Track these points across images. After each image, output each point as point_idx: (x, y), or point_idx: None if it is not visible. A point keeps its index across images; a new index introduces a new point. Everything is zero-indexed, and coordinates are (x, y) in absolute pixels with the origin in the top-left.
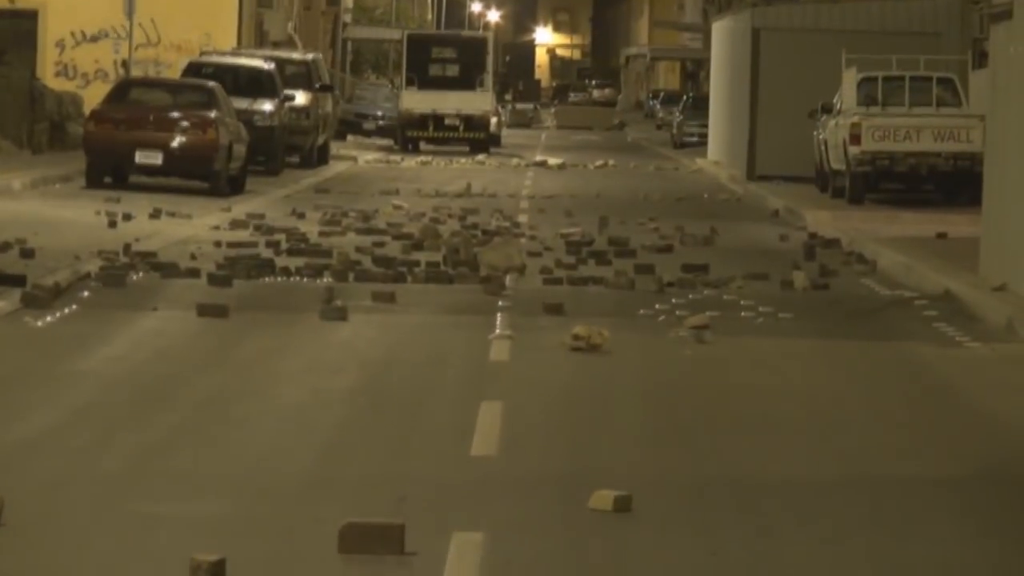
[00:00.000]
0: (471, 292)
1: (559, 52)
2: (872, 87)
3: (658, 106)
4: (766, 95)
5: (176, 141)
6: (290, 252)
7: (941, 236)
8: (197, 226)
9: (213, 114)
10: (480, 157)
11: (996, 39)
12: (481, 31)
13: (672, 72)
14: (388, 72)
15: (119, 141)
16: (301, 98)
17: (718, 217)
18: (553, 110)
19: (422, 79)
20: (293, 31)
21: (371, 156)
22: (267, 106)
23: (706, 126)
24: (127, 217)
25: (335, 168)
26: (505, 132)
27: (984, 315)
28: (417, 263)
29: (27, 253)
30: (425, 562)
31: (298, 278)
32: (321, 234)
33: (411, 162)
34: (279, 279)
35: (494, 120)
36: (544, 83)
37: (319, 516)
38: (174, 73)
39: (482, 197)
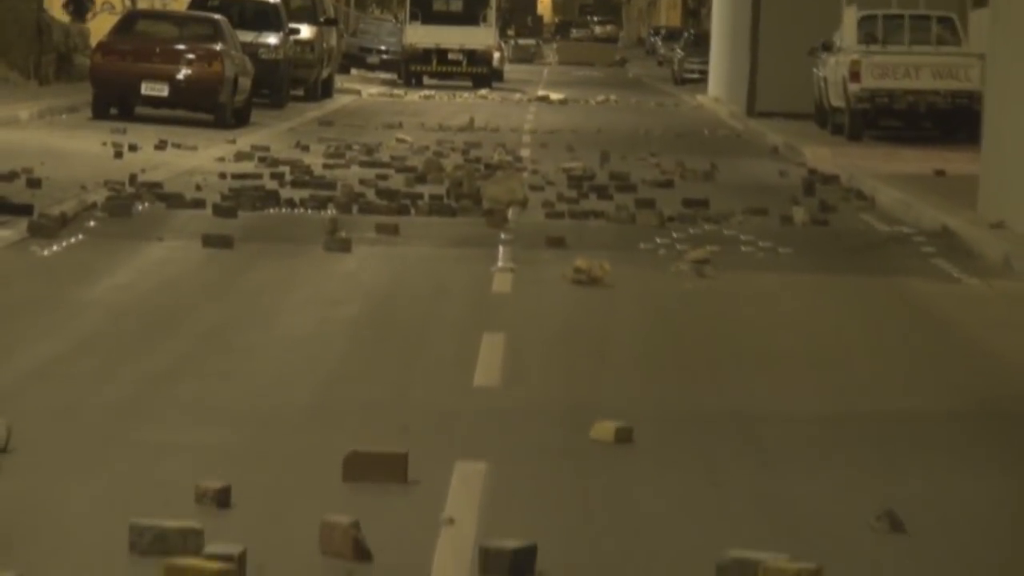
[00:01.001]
0: (474, 225)
1: None
2: (872, 25)
3: (659, 43)
4: (767, 32)
5: (182, 73)
6: (294, 184)
7: (939, 173)
8: (202, 157)
9: (219, 47)
10: (483, 92)
11: None
12: None
13: (674, 9)
14: (392, 6)
15: (125, 73)
16: (306, 31)
17: (718, 153)
18: (555, 46)
19: (426, 14)
20: None
21: (375, 90)
22: (272, 39)
23: (707, 63)
24: (133, 148)
25: (339, 101)
26: (508, 67)
27: (982, 251)
28: (420, 196)
29: (33, 183)
30: (428, 490)
31: (302, 210)
32: (325, 166)
33: (414, 96)
34: (283, 210)
35: (497, 55)
36: (546, 19)
37: (323, 445)
38: (180, 6)
39: (485, 131)
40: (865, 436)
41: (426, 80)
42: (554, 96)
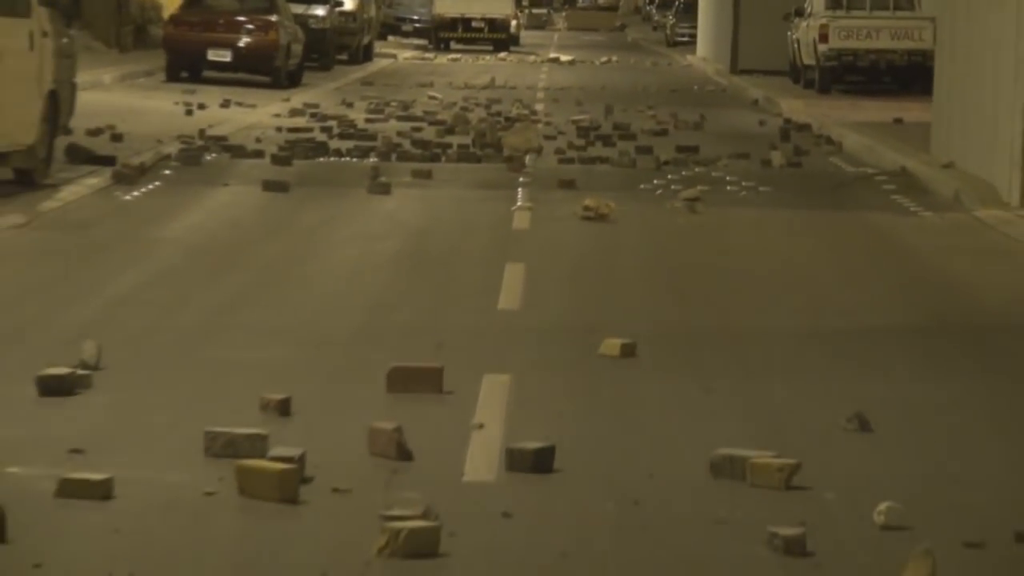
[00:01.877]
0: (496, 170)
1: None
2: None
3: (654, 10)
4: (747, 0)
5: (243, 41)
6: (341, 136)
7: (897, 121)
8: (261, 114)
9: (274, 18)
10: (502, 55)
11: None
12: None
13: None
14: None
15: (194, 41)
16: (349, 4)
17: (706, 105)
18: (564, 14)
19: None
20: None
21: (409, 54)
22: (320, 11)
23: (695, 27)
24: (201, 106)
25: (378, 64)
26: (523, 33)
27: (934, 188)
28: (450, 145)
29: (116, 137)
30: (460, 399)
31: (348, 158)
32: (367, 121)
33: (443, 59)
34: (332, 159)
35: (513, 23)
36: None
37: (369, 361)
38: None
39: (504, 89)
40: (836, 348)
41: (453, 45)
42: (563, 58)
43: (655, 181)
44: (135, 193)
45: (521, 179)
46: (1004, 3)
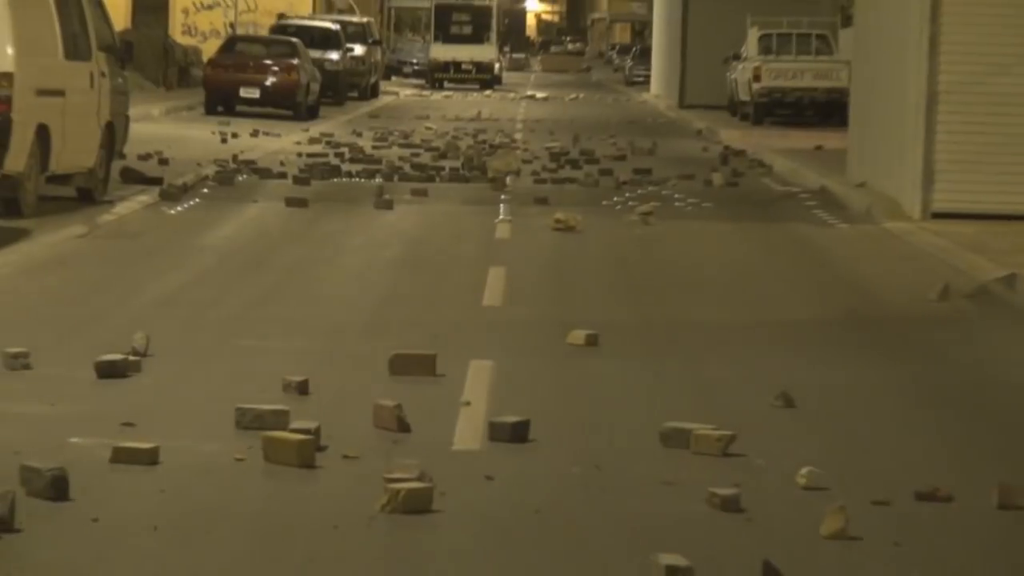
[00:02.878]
0: (481, 189)
1: (543, 16)
2: (769, 41)
3: (615, 55)
4: (692, 47)
5: (269, 81)
6: (351, 160)
7: (818, 148)
8: (284, 142)
9: (296, 61)
10: (487, 92)
11: (858, 5)
12: (487, 1)
13: (625, 30)
14: (421, 31)
15: (228, 81)
16: (359, 50)
17: (658, 134)
18: (539, 58)
19: (445, 36)
20: (352, 2)
21: (409, 91)
22: (334, 55)
23: (649, 69)
24: (234, 135)
25: (383, 100)
26: (505, 74)
27: (849, 204)
28: (443, 168)
29: (163, 161)
30: (451, 381)
31: (357, 179)
32: (373, 147)
33: (438, 96)
34: (344, 179)
35: (497, 65)
36: (532, 38)
37: (374, 349)
38: (267, 32)
39: (489, 121)
40: (765, 338)
41: (446, 84)
42: (539, 95)
43: (615, 198)
44: (178, 208)
45: (503, 196)
46: (908, 50)
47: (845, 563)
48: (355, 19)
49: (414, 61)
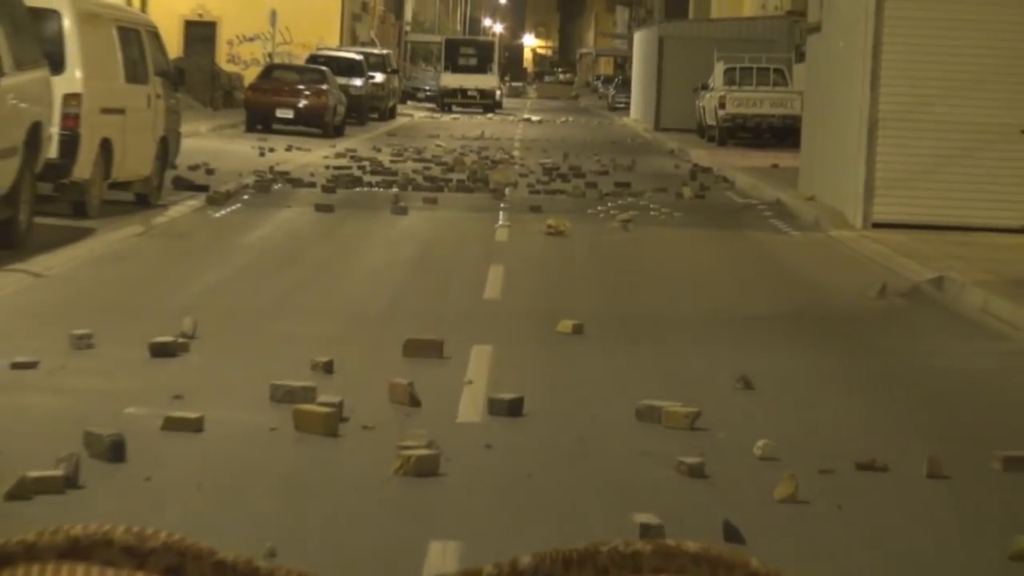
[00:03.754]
0: (484, 198)
1: (538, 50)
2: (733, 73)
3: (600, 85)
4: (667, 78)
5: (302, 103)
6: (371, 172)
7: (774, 166)
8: (314, 156)
9: (324, 87)
10: (489, 115)
11: (810, 44)
12: (490, 37)
13: (608, 63)
14: (433, 62)
15: (266, 103)
16: (379, 77)
17: (636, 153)
18: (534, 87)
19: (454, 66)
20: (374, 36)
21: (422, 114)
22: (358, 82)
23: (629, 97)
24: (271, 150)
25: (400, 121)
26: (505, 100)
27: (800, 215)
28: (450, 180)
29: (209, 171)
30: (456, 362)
31: (377, 188)
32: (391, 161)
33: (447, 118)
34: (365, 189)
35: (498, 92)
36: (529, 69)
37: (390, 334)
38: (300, 61)
39: (491, 140)
40: (727, 329)
41: (454, 108)
42: (534, 118)
43: (599, 207)
44: (222, 212)
45: (502, 205)
46: (852, 82)
47: (795, 523)
48: (376, 51)
49: (427, 88)
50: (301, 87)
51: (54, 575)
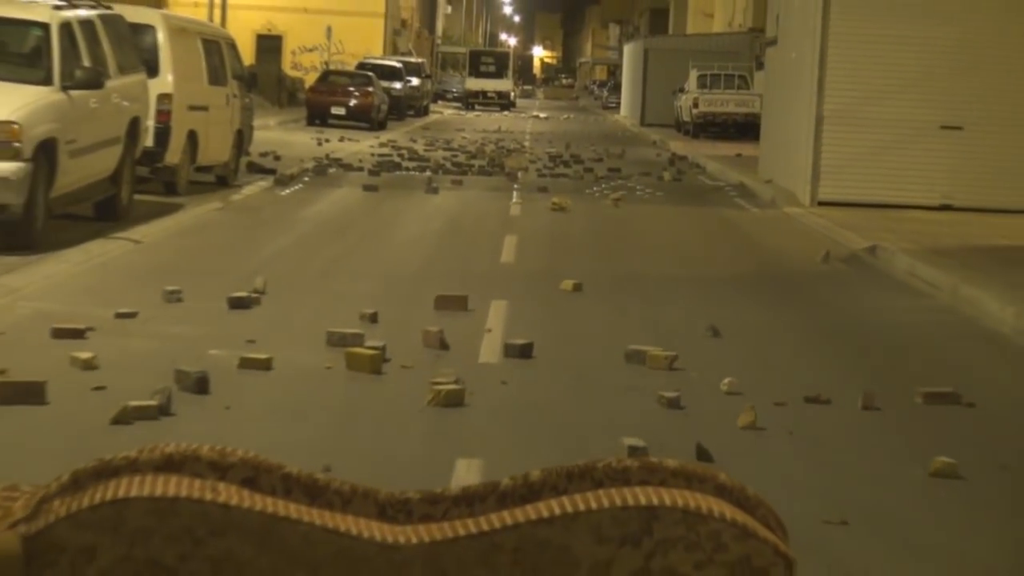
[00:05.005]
0: (501, 180)
1: (545, 59)
2: (705, 78)
3: (595, 88)
4: (651, 82)
5: (352, 102)
6: (408, 159)
7: (738, 155)
8: (362, 146)
9: (371, 89)
10: (505, 113)
11: (768, 55)
12: (506, 49)
13: (603, 70)
14: (459, 68)
15: (323, 102)
16: (415, 81)
17: (625, 143)
18: (542, 90)
19: (476, 72)
20: (411, 47)
21: (450, 111)
22: (398, 85)
23: (619, 98)
24: (327, 140)
25: (432, 117)
26: (519, 100)
27: (759, 195)
28: (473, 165)
29: (276, 158)
30: (478, 314)
31: (413, 172)
32: (424, 150)
33: (470, 115)
34: (403, 172)
35: (512, 94)
36: (537, 75)
37: (424, 291)
38: (350, 68)
39: (506, 132)
40: (699, 287)
41: (476, 107)
42: (542, 115)
43: (594, 188)
44: (287, 191)
45: (515, 186)
46: (802, 87)
47: (754, 445)
48: (413, 59)
49: (454, 90)
50: (351, 89)
51: (152, 485)
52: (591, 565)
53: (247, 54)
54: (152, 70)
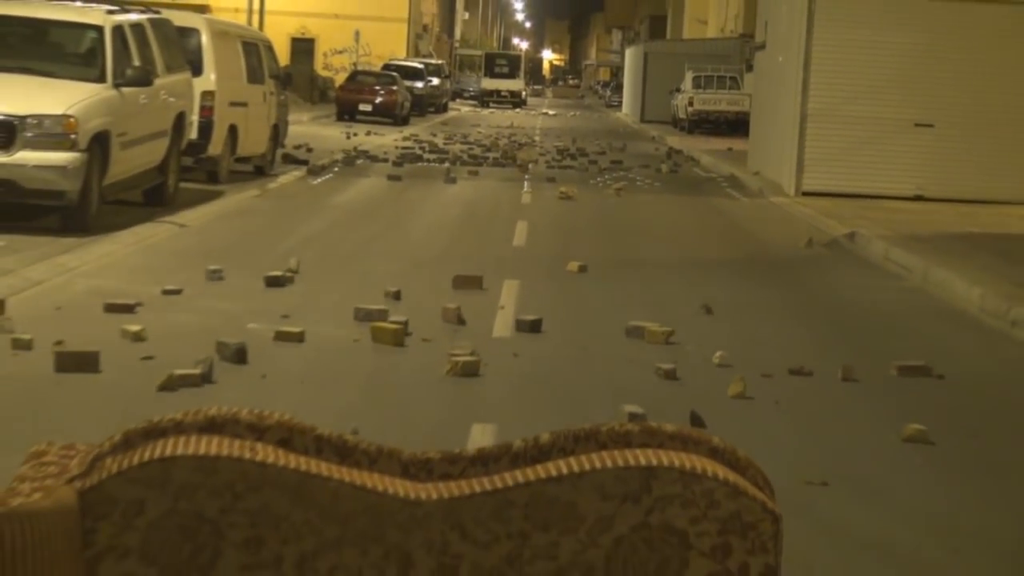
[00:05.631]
0: (513, 171)
1: (553, 61)
2: (699, 79)
3: (599, 88)
4: (650, 83)
5: (378, 99)
6: (429, 151)
7: (729, 149)
8: (387, 139)
9: (395, 87)
10: (517, 110)
11: (757, 58)
12: (518, 51)
13: (606, 71)
14: (476, 69)
15: (352, 99)
16: (435, 80)
17: (627, 138)
18: (550, 89)
19: (491, 73)
20: (432, 50)
21: (467, 109)
22: (420, 84)
23: (621, 97)
24: (355, 134)
25: (451, 114)
26: (529, 99)
27: (748, 185)
28: (488, 158)
29: (309, 150)
30: (492, 293)
31: (433, 163)
32: (444, 143)
33: (486, 112)
34: (424, 164)
35: (524, 93)
36: (546, 76)
37: (443, 272)
38: (377, 68)
39: (518, 128)
40: (694, 269)
41: (491, 105)
42: (550, 112)
43: (599, 179)
44: (319, 180)
45: (526, 177)
46: (788, 87)
47: (743, 413)
48: (433, 61)
49: (471, 89)
50: (378, 87)
51: (195, 444)
52: (595, 519)
53: (283, 55)
54: (196, 69)
